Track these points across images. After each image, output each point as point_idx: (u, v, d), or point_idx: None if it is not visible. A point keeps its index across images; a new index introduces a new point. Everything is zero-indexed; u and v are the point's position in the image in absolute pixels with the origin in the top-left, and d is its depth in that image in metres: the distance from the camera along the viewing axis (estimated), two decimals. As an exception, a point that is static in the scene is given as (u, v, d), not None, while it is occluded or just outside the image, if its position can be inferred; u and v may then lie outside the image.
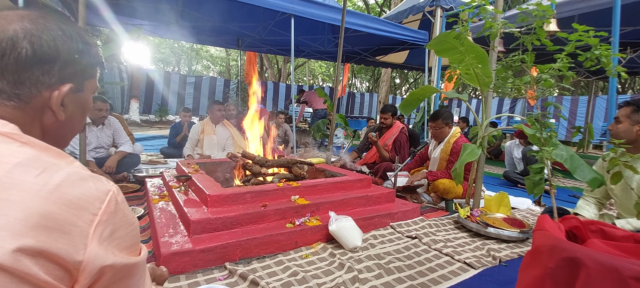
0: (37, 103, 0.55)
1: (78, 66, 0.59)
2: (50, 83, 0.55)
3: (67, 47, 0.57)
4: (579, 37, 1.36)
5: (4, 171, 0.44)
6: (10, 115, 0.53)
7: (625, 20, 4.73)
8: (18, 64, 0.52)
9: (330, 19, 5.06)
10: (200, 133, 3.85)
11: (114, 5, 5.19)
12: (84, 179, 0.49)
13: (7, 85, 0.52)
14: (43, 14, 0.57)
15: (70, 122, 0.62)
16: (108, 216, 0.49)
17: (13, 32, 0.52)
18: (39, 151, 0.49)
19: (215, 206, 1.81)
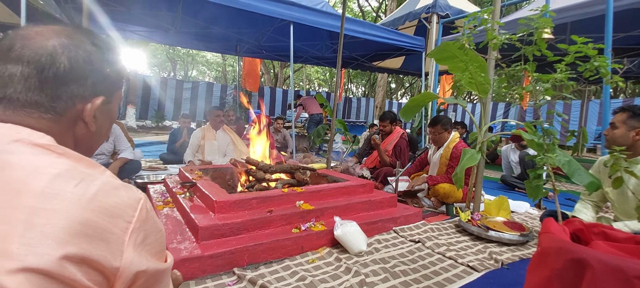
0: (71, 115, 0.57)
1: (109, 79, 0.62)
2: (84, 96, 0.58)
3: (100, 60, 0.60)
4: (579, 48, 1.42)
5: (46, 182, 0.46)
6: (47, 127, 0.55)
7: (617, 27, 4.87)
8: (56, 78, 0.54)
9: (328, 25, 5.13)
10: (201, 139, 3.86)
11: (112, 11, 5.21)
12: (117, 188, 0.51)
13: (45, 98, 0.54)
14: (77, 30, 0.60)
15: (100, 132, 0.64)
16: (140, 223, 0.51)
17: (52, 48, 0.54)
18: (75, 162, 0.51)
19: (222, 212, 1.83)
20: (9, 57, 0.53)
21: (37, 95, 0.54)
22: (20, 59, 0.53)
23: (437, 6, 6.13)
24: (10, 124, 0.53)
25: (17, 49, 0.53)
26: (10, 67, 0.53)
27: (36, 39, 0.54)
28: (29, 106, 0.54)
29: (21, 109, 0.54)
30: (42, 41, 0.54)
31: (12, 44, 0.54)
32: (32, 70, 0.53)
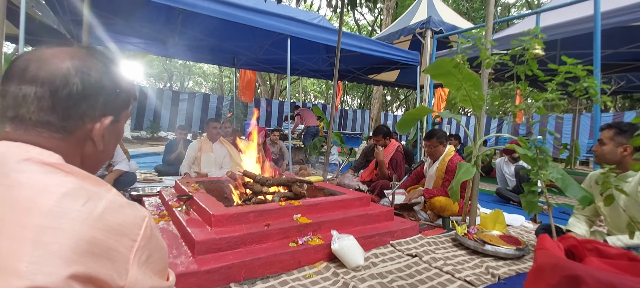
0: (80, 134, 0.59)
1: (118, 99, 0.63)
2: (94, 115, 0.59)
3: (111, 81, 0.61)
4: (568, 68, 1.48)
5: (54, 201, 0.47)
6: (56, 146, 0.56)
7: (605, 44, 5.03)
8: (69, 99, 0.55)
9: (325, 39, 5.22)
10: (197, 151, 3.85)
11: (111, 24, 5.25)
12: (122, 206, 0.52)
13: (57, 118, 0.55)
14: (90, 51, 0.62)
15: (106, 150, 0.66)
16: (145, 241, 0.52)
17: (66, 70, 0.55)
18: (82, 180, 0.52)
19: (219, 226, 1.82)
20: (24, 78, 0.54)
21: (49, 115, 0.55)
22: (35, 80, 0.54)
23: (431, 22, 6.28)
24: (21, 142, 0.54)
25: (32, 70, 0.54)
26: (25, 88, 0.54)
27: (52, 61, 0.55)
28: (40, 126, 0.55)
29: (33, 129, 0.55)
30: (57, 63, 0.55)
31: (27, 65, 0.55)
32: (45, 91, 0.54)
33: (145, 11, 4.74)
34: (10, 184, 0.48)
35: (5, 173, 0.49)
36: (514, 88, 1.73)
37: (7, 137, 0.55)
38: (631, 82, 7.20)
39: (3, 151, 0.53)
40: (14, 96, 0.54)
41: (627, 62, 5.68)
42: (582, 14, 3.83)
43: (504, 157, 4.70)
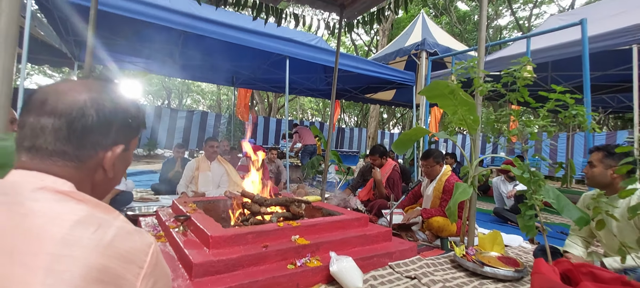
0: (92, 163, 0.61)
1: (129, 128, 0.66)
2: (106, 145, 0.61)
3: (123, 112, 0.64)
4: (557, 96, 1.53)
5: (66, 229, 0.48)
6: (69, 174, 0.58)
7: (595, 66, 5.19)
8: (84, 129, 0.58)
9: (323, 60, 5.33)
10: (195, 170, 3.85)
11: (113, 44, 5.34)
12: (130, 233, 0.53)
13: (72, 148, 0.57)
14: (105, 84, 0.64)
15: (116, 177, 0.67)
16: (151, 268, 0.53)
17: (83, 102, 0.58)
18: (92, 208, 0.54)
19: (217, 247, 1.81)
20: (43, 111, 0.57)
21: (65, 145, 0.57)
22: (53, 112, 0.56)
23: (425, 44, 6.46)
24: (36, 171, 0.56)
25: (51, 103, 0.57)
26: (44, 120, 0.56)
27: (69, 94, 0.58)
28: (56, 155, 0.57)
29: (48, 158, 0.57)
30: (75, 96, 0.58)
31: (46, 98, 0.57)
32: (63, 123, 0.56)
33: (147, 32, 4.84)
34: (25, 212, 0.50)
35: (21, 202, 0.51)
36: (507, 113, 1.79)
37: (23, 166, 0.57)
38: (621, 102, 7.37)
39: (18, 180, 0.55)
40: (32, 127, 0.57)
41: (616, 83, 5.84)
42: (571, 38, 3.97)
43: (500, 176, 4.74)
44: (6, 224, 0.48)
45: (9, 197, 0.52)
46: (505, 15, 18.00)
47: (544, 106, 1.59)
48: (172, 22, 3.86)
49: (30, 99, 0.60)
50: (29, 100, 0.60)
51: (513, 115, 1.70)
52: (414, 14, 12.48)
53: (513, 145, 11.64)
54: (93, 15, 2.72)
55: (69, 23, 4.58)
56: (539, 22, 16.30)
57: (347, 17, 4.25)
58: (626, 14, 4.43)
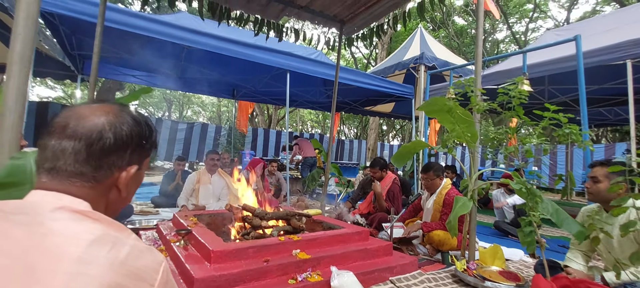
0: (108, 183, 0.63)
1: (143, 149, 0.69)
2: (121, 165, 0.64)
3: (137, 134, 0.67)
4: (551, 115, 1.57)
5: (83, 248, 0.50)
6: (86, 194, 0.60)
7: (591, 80, 5.27)
8: (102, 151, 0.61)
9: (322, 74, 5.41)
10: (195, 183, 3.86)
11: (116, 58, 5.43)
12: (142, 251, 0.56)
13: (89, 169, 0.60)
14: (121, 107, 0.68)
15: (128, 196, 0.70)
16: (162, 286, 0.55)
17: (101, 125, 0.61)
18: (107, 226, 0.56)
19: (219, 262, 1.81)
20: (64, 134, 0.60)
21: (83, 166, 0.60)
22: (74, 135, 0.59)
23: (423, 58, 6.56)
24: (55, 191, 0.58)
25: (72, 126, 0.60)
26: (64, 143, 0.59)
27: (89, 118, 0.61)
28: (74, 176, 0.59)
29: (67, 179, 0.59)
30: (94, 119, 0.61)
31: (67, 122, 0.61)
32: (82, 146, 0.59)
33: (150, 47, 4.93)
34: (44, 232, 0.52)
35: (40, 221, 0.53)
36: (504, 131, 1.83)
37: (43, 186, 0.59)
38: (618, 115, 7.44)
39: (38, 200, 0.57)
40: (53, 149, 0.60)
41: (612, 97, 5.92)
42: (566, 53, 4.06)
43: (500, 189, 4.74)
44: (27, 243, 0.51)
45: (30, 216, 0.54)
46: (501, 29, 18.33)
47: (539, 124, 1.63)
48: (176, 37, 3.94)
49: (53, 123, 0.63)
50: (51, 124, 0.63)
51: (509, 133, 1.73)
52: (412, 28, 12.71)
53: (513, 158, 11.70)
54: (99, 32, 2.78)
55: (73, 38, 4.67)
56: (535, 36, 16.59)
57: (347, 32, 4.35)
58: (619, 29, 4.53)
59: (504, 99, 1.86)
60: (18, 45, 1.02)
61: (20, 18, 1.04)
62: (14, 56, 1.02)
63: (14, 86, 1.01)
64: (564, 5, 16.24)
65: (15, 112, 1.01)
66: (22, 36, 1.03)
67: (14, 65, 1.01)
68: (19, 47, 1.02)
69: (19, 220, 0.53)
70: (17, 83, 1.01)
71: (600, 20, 5.81)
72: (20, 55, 1.02)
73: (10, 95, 1.00)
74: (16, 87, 1.01)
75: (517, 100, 1.74)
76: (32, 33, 1.05)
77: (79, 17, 3.51)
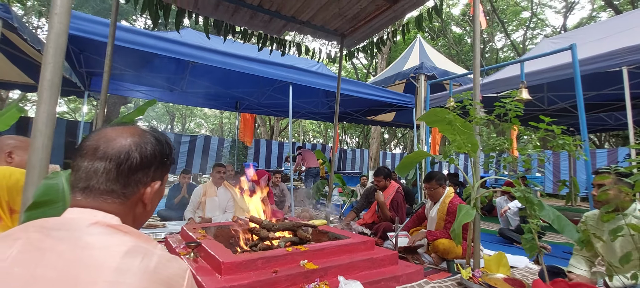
0: (135, 198, 0.70)
1: (164, 166, 0.76)
2: (146, 182, 0.71)
3: (159, 152, 0.74)
4: (545, 127, 1.64)
5: (118, 259, 0.57)
6: (116, 209, 0.67)
7: (589, 86, 5.34)
8: (129, 170, 0.68)
9: (325, 85, 5.51)
10: (202, 196, 3.92)
11: (123, 74, 5.56)
12: (169, 260, 0.62)
13: (119, 186, 0.67)
14: (145, 129, 0.75)
15: (152, 210, 0.77)
16: None
17: (128, 146, 0.68)
18: (136, 238, 0.62)
19: (229, 274, 1.86)
20: (95, 156, 0.67)
21: (114, 184, 0.67)
22: (105, 156, 0.66)
23: (423, 68, 6.67)
24: (89, 208, 0.65)
25: (102, 148, 0.67)
26: (96, 163, 0.66)
27: (117, 140, 0.69)
28: (106, 194, 0.66)
29: (99, 196, 0.66)
30: (121, 141, 0.68)
31: (97, 144, 0.68)
32: (112, 166, 0.66)
33: (156, 63, 5.06)
34: (83, 245, 0.58)
35: (79, 236, 0.60)
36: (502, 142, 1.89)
37: (78, 204, 0.66)
38: (619, 120, 7.48)
39: (75, 217, 0.64)
40: (87, 170, 0.67)
41: (611, 102, 5.98)
42: (563, 61, 4.14)
43: (503, 196, 4.77)
44: (69, 256, 0.57)
45: (69, 232, 0.61)
46: (500, 38, 18.53)
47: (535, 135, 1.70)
48: (183, 54, 4.06)
49: (84, 146, 0.70)
50: (82, 147, 0.70)
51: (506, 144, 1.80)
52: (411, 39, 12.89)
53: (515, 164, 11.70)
54: (110, 51, 2.89)
55: (82, 56, 4.81)
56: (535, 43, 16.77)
57: (347, 45, 4.46)
58: (614, 36, 4.62)
59: (501, 111, 1.93)
60: (48, 73, 1.11)
61: (51, 48, 1.12)
62: (44, 83, 1.10)
63: (44, 111, 1.09)
64: (560, 12, 16.45)
65: (46, 135, 1.08)
66: (52, 65, 1.11)
67: (44, 91, 1.09)
68: (49, 75, 1.11)
69: (60, 236, 0.59)
70: (47, 108, 1.09)
71: (596, 27, 5.91)
72: (50, 83, 1.10)
73: (41, 119, 1.08)
74: (46, 111, 1.09)
75: (513, 112, 1.81)
76: (61, 62, 1.13)
77: (89, 37, 3.63)
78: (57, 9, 1.12)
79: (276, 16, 3.70)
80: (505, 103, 1.87)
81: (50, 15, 1.13)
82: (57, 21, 1.12)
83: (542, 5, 16.46)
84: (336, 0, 3.42)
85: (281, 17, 3.73)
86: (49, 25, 1.13)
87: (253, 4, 3.50)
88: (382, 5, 3.47)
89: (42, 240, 0.58)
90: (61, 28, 1.14)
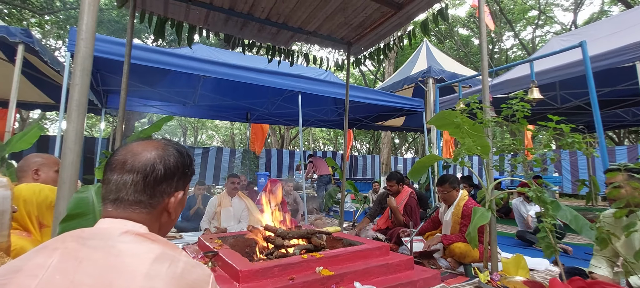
0: (160, 208, 0.75)
1: (186, 176, 0.81)
2: (170, 192, 0.76)
3: (182, 163, 0.79)
4: (554, 125, 1.64)
5: (148, 265, 0.61)
6: (144, 219, 0.72)
7: (603, 83, 5.22)
8: (155, 181, 0.73)
9: (333, 93, 5.56)
10: (217, 206, 3.99)
11: (138, 90, 5.75)
12: (194, 266, 0.66)
13: (146, 197, 0.73)
14: (167, 143, 0.80)
15: (175, 218, 0.82)
16: None
17: (153, 159, 0.74)
18: (163, 246, 0.67)
19: (247, 282, 1.89)
20: (124, 169, 0.72)
21: (141, 195, 0.72)
22: (132, 170, 0.72)
23: (431, 71, 6.65)
24: (120, 218, 0.70)
25: (130, 162, 0.73)
26: (125, 176, 0.72)
27: (143, 154, 0.74)
28: (134, 204, 0.72)
29: (129, 207, 0.71)
30: (146, 155, 0.74)
31: (126, 158, 0.73)
32: (140, 178, 0.72)
33: (169, 78, 5.22)
34: (116, 253, 0.63)
35: (112, 245, 0.65)
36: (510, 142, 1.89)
37: (109, 215, 0.72)
38: (636, 116, 7.26)
39: (107, 227, 0.69)
40: (116, 183, 0.72)
41: (627, 98, 5.82)
42: (575, 58, 4.07)
43: (520, 197, 4.67)
44: (104, 263, 0.62)
45: (103, 241, 0.66)
46: (508, 37, 18.32)
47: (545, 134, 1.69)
48: (195, 68, 4.18)
49: (113, 160, 0.76)
50: (111, 161, 0.76)
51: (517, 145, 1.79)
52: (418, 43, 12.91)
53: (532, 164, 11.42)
54: (126, 70, 3.01)
55: (98, 75, 5.01)
56: (544, 40, 16.50)
57: (354, 53, 4.51)
58: (626, 31, 4.54)
59: (509, 112, 1.93)
60: (76, 93, 1.18)
61: (78, 71, 1.20)
62: (72, 104, 1.18)
63: (73, 129, 1.16)
64: (568, 9, 16.19)
65: (74, 152, 1.15)
66: (79, 86, 1.19)
67: (72, 112, 1.17)
68: (77, 96, 1.18)
69: (95, 245, 0.64)
70: (76, 127, 1.16)
71: (607, 23, 5.80)
72: (78, 103, 1.18)
73: (70, 137, 1.15)
74: (75, 130, 1.16)
75: (521, 113, 1.81)
76: (87, 83, 1.21)
77: (106, 56, 3.80)
78: (83, 34, 1.20)
79: (284, 28, 3.79)
80: (512, 104, 1.87)
81: (77, 40, 1.21)
82: (83, 46, 1.20)
83: (550, 4, 16.24)
84: (342, 10, 3.48)
85: (288, 28, 3.82)
86: (75, 49, 1.21)
87: (261, 17, 3.60)
88: (387, 12, 3.52)
89: (79, 249, 0.63)
90: (87, 52, 1.22)
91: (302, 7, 3.41)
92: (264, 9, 3.44)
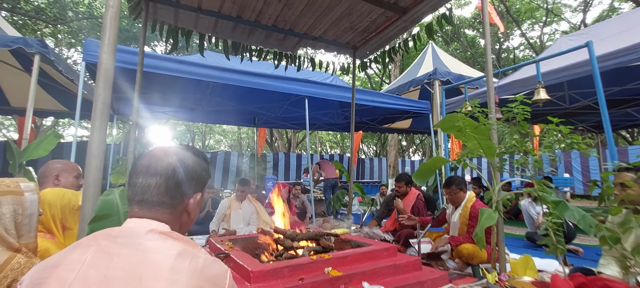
0: (181, 208, 0.82)
1: (203, 179, 0.87)
2: (189, 193, 0.83)
3: (199, 167, 0.86)
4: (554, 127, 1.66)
5: (172, 260, 0.67)
6: (166, 219, 0.79)
7: (611, 82, 5.17)
8: (176, 184, 0.80)
9: (340, 97, 5.61)
10: (227, 208, 4.07)
11: (148, 97, 5.90)
12: (213, 262, 0.72)
13: (168, 198, 0.79)
14: (186, 148, 0.87)
15: (194, 218, 0.88)
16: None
17: (174, 163, 0.80)
18: (184, 244, 0.73)
19: (258, 282, 1.95)
20: (148, 173, 0.79)
21: (164, 196, 0.78)
22: (156, 173, 0.79)
23: (437, 73, 6.66)
24: (145, 218, 0.77)
25: (153, 166, 0.79)
26: (149, 179, 0.78)
27: (165, 159, 0.81)
28: (158, 205, 0.78)
29: (153, 207, 0.78)
30: (168, 159, 0.81)
31: (150, 163, 0.80)
32: (162, 181, 0.78)
33: (179, 85, 5.35)
34: (144, 249, 0.70)
35: (139, 242, 0.71)
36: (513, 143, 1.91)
37: (135, 215, 0.78)
38: (649, 114, 7.13)
39: (134, 226, 0.76)
40: (142, 186, 0.79)
41: (636, 97, 5.73)
42: (582, 58, 4.05)
43: (528, 199, 4.64)
44: (133, 259, 0.68)
45: (131, 239, 0.72)
46: (514, 36, 18.15)
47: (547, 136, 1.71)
48: (204, 75, 4.28)
49: (138, 165, 0.82)
50: (136, 166, 0.82)
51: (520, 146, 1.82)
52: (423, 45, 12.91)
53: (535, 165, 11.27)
54: (139, 79, 3.12)
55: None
56: (553, 38, 16.31)
57: (360, 57, 4.57)
58: (634, 30, 4.49)
59: (509, 115, 1.96)
60: (99, 103, 1.26)
61: (100, 82, 1.28)
62: (96, 113, 1.26)
63: (96, 137, 1.24)
64: (577, 9, 15.98)
65: (98, 157, 1.23)
66: (102, 96, 1.27)
67: (96, 120, 1.25)
68: (100, 105, 1.26)
69: (124, 242, 0.71)
70: (99, 134, 1.24)
71: (615, 21, 5.74)
72: (101, 112, 1.26)
73: (94, 144, 1.23)
74: (98, 137, 1.24)
75: (521, 116, 1.83)
76: (109, 93, 1.28)
77: (118, 65, 3.92)
78: (105, 47, 1.28)
79: (290, 34, 3.87)
80: (512, 107, 1.89)
81: (100, 53, 1.29)
82: (105, 58, 1.29)
83: (557, 3, 16.05)
84: (347, 15, 3.55)
85: (295, 34, 3.90)
86: (98, 62, 1.30)
87: (268, 24, 3.69)
88: (392, 17, 3.57)
89: (110, 246, 0.70)
90: (108, 64, 1.30)
91: (307, 13, 3.49)
92: (270, 16, 3.53)
